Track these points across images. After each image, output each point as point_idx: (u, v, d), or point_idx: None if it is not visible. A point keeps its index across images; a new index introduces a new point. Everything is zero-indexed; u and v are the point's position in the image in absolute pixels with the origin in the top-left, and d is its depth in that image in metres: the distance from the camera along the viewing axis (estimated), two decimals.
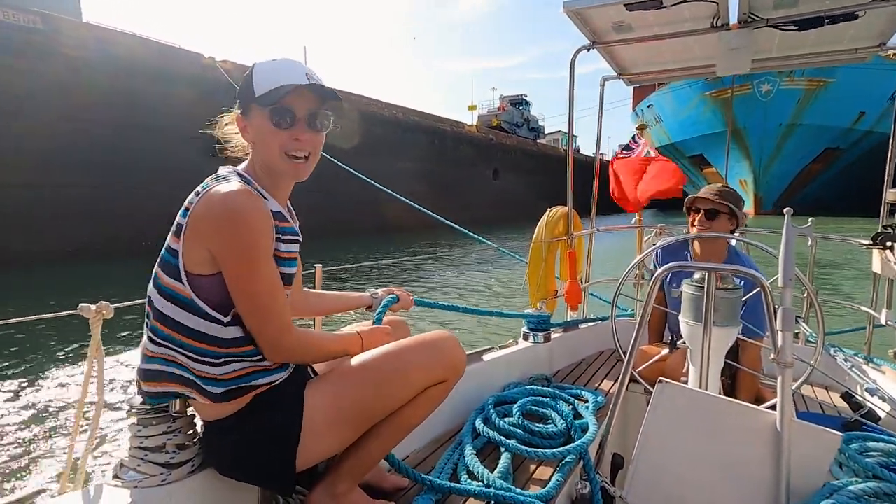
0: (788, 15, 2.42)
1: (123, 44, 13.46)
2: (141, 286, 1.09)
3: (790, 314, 1.31)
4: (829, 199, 29.78)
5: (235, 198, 1.03)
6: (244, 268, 1.04)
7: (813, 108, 27.33)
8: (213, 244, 1.04)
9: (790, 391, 1.28)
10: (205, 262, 1.05)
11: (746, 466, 1.29)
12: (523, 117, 55.95)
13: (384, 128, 23.00)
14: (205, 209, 1.04)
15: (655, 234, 3.31)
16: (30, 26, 11.49)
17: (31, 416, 4.44)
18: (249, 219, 1.03)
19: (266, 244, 1.07)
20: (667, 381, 1.46)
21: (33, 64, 11.55)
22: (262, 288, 1.06)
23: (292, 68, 1.13)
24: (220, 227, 1.02)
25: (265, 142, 1.13)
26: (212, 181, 1.10)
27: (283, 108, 1.11)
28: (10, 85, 11.25)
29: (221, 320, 1.07)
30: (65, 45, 12.02)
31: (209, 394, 1.09)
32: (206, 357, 1.08)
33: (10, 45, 11.13)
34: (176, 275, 1.06)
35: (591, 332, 2.98)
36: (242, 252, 1.03)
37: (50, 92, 11.81)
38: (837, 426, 1.73)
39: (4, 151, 11.32)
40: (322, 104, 1.16)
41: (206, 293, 1.06)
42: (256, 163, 1.18)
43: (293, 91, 1.09)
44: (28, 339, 6.49)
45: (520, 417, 1.85)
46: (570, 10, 2.52)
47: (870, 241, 2.36)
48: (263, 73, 1.12)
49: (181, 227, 1.06)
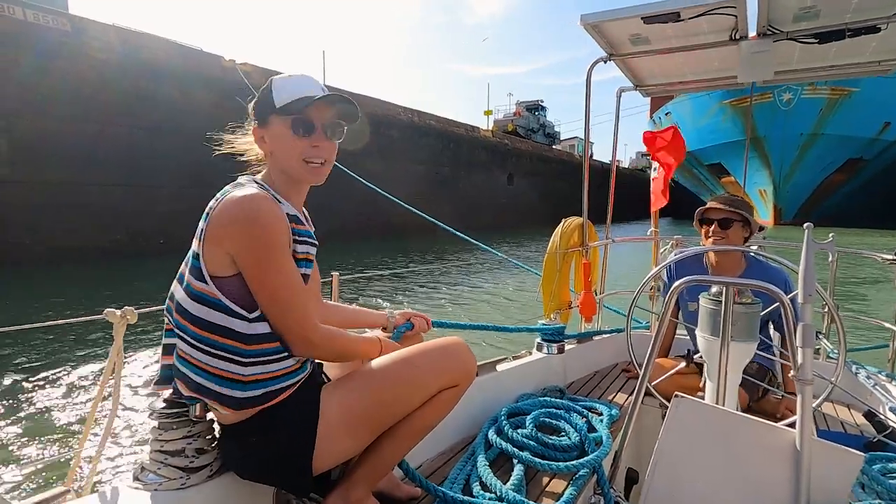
0: (809, 28, 2.40)
1: (148, 46, 13.76)
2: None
3: (810, 330, 1.29)
4: (853, 211, 29.13)
5: (250, 200, 1.09)
6: (262, 265, 1.09)
7: (836, 117, 26.77)
8: (232, 246, 1.08)
9: (810, 409, 1.26)
10: (225, 265, 1.10)
11: (765, 485, 1.27)
12: (539, 123, 55.82)
13: (400, 131, 23.15)
14: (222, 213, 1.09)
15: (672, 245, 3.28)
16: (60, 28, 11.82)
17: (49, 418, 4.51)
18: (264, 218, 1.08)
19: (282, 242, 1.11)
20: (683, 396, 1.45)
21: (61, 65, 11.86)
22: (280, 283, 1.10)
23: (310, 83, 1.22)
24: (237, 228, 1.07)
25: (285, 149, 1.20)
26: (230, 187, 1.16)
27: (304, 118, 1.19)
28: (39, 85, 11.58)
29: (247, 316, 1.10)
30: (91, 48, 12.34)
31: (229, 400, 1.11)
32: (233, 355, 1.10)
33: (43, 48, 11.46)
34: (200, 277, 1.10)
35: (605, 343, 2.95)
36: (259, 250, 1.08)
37: (74, 93, 12.12)
38: (859, 446, 1.69)
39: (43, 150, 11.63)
40: (337, 116, 1.24)
41: (230, 293, 1.10)
42: (273, 170, 1.24)
43: (314, 102, 1.18)
44: (53, 340, 6.61)
45: (533, 429, 1.84)
46: (587, 24, 2.53)
47: (892, 256, 2.31)
48: (283, 86, 1.20)
49: (202, 231, 1.11)
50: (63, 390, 5.10)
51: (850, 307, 8.28)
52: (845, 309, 7.09)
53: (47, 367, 5.72)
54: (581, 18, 2.53)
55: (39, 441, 4.09)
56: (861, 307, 8.80)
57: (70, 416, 4.55)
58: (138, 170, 13.54)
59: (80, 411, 4.66)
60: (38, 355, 6.08)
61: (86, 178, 12.55)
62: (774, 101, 26.57)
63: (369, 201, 13.49)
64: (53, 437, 4.17)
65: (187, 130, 13.51)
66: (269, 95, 1.20)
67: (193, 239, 1.14)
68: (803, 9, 2.25)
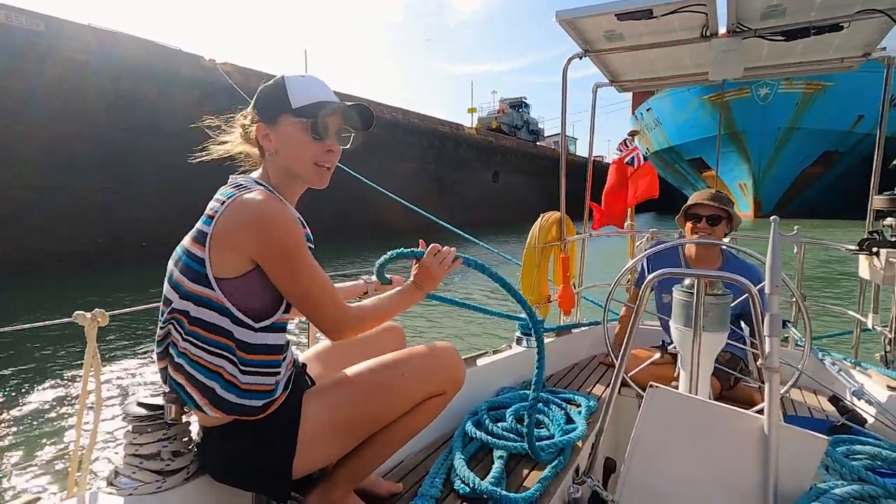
0: (776, 25, 2.48)
1: (124, 45, 13.48)
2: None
3: (777, 320, 1.33)
4: (830, 202, 29.77)
5: (268, 204, 1.08)
6: (290, 268, 1.09)
7: (811, 111, 27.35)
8: (254, 250, 1.07)
9: (777, 396, 1.30)
10: (233, 266, 1.08)
11: (735, 470, 1.31)
12: (523, 120, 56.00)
13: (384, 130, 23.05)
14: (238, 218, 1.07)
15: (647, 238, 3.34)
16: (33, 29, 11.51)
17: (29, 423, 4.45)
18: (286, 223, 1.09)
19: (303, 243, 1.12)
20: (657, 386, 1.48)
21: (35, 67, 11.57)
22: (310, 282, 1.12)
23: (323, 86, 1.23)
24: (260, 233, 1.06)
25: (296, 150, 1.18)
26: (234, 189, 1.12)
27: (322, 122, 1.19)
28: (13, 88, 11.28)
29: (252, 325, 1.10)
30: (66, 48, 12.05)
31: (222, 402, 1.10)
32: (233, 356, 1.09)
33: (13, 49, 11.15)
34: (204, 282, 1.08)
35: (584, 336, 3.00)
36: (285, 254, 1.08)
37: (51, 94, 11.83)
38: (825, 430, 1.74)
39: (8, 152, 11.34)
40: (347, 122, 1.25)
41: (238, 298, 1.08)
42: (272, 169, 1.21)
43: (336, 109, 1.19)
44: (27, 345, 6.49)
45: (513, 422, 1.87)
46: (562, 20, 2.57)
47: (856, 247, 2.39)
48: (300, 87, 1.19)
49: (205, 234, 1.08)
50: (43, 397, 5.01)
51: (820, 295, 8.50)
52: (815, 297, 7.27)
53: (25, 374, 5.62)
54: (556, 15, 2.57)
55: (16, 448, 4.02)
56: (830, 295, 9.04)
57: (49, 422, 4.48)
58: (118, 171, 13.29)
59: (59, 417, 4.59)
60: (17, 361, 5.96)
61: (63, 182, 12.27)
62: (752, 96, 27.06)
63: (357, 197, 13.40)
64: (31, 442, 4.11)
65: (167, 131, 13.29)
66: (283, 94, 1.17)
67: (188, 241, 1.11)
68: (770, 7, 2.31)
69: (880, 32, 2.55)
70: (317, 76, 1.25)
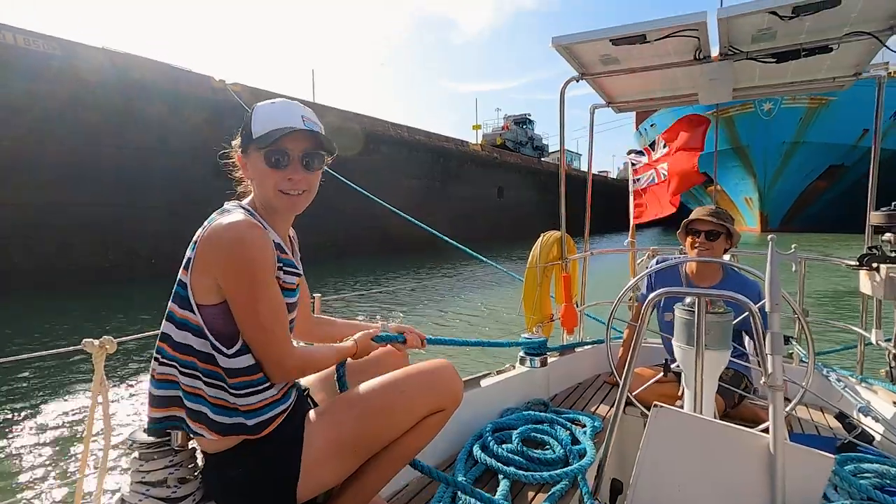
0: (767, 48, 2.53)
1: (136, 66, 13.80)
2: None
3: (778, 338, 1.33)
4: (837, 215, 29.54)
5: (236, 226, 1.08)
6: (247, 291, 1.08)
7: (816, 125, 27.39)
8: (217, 271, 1.08)
9: (782, 414, 1.29)
10: (212, 293, 1.10)
11: (742, 489, 1.29)
12: (527, 136, 56.27)
13: (391, 147, 23.28)
14: (208, 241, 1.09)
15: (648, 256, 3.35)
16: (49, 53, 11.84)
17: (38, 451, 4.42)
18: (249, 244, 1.07)
19: (268, 268, 1.11)
20: (662, 406, 1.47)
21: (51, 87, 11.86)
22: (264, 309, 1.09)
23: (289, 111, 1.19)
24: (222, 254, 1.07)
25: (261, 180, 1.19)
26: (217, 215, 1.15)
27: (278, 150, 1.16)
28: (30, 108, 11.56)
29: (225, 352, 1.11)
30: (80, 70, 12.35)
31: (217, 425, 1.11)
32: (220, 382, 1.11)
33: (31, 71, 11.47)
34: (188, 306, 1.10)
35: (587, 355, 2.98)
36: (243, 276, 1.07)
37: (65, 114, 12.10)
38: (831, 447, 1.72)
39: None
40: (317, 145, 1.21)
41: (212, 323, 1.10)
42: (256, 197, 1.24)
43: (288, 134, 1.15)
44: (35, 364, 6.48)
45: (519, 444, 1.86)
46: (559, 45, 2.63)
47: (856, 263, 2.39)
48: (262, 115, 1.19)
49: (189, 260, 1.11)
50: (52, 424, 4.98)
51: (825, 311, 8.41)
52: (819, 313, 7.17)
53: (32, 397, 5.61)
54: (553, 40, 2.62)
55: (22, 474, 4.00)
56: (835, 311, 8.93)
57: (58, 449, 4.45)
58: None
59: (68, 444, 4.56)
60: (25, 383, 5.96)
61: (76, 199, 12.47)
62: (756, 111, 27.17)
63: (365, 215, 13.49)
64: (39, 470, 4.08)
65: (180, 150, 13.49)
66: (249, 124, 1.19)
67: (180, 269, 1.14)
68: (761, 30, 2.36)
69: (870, 53, 2.60)
70: (290, 99, 1.24)
